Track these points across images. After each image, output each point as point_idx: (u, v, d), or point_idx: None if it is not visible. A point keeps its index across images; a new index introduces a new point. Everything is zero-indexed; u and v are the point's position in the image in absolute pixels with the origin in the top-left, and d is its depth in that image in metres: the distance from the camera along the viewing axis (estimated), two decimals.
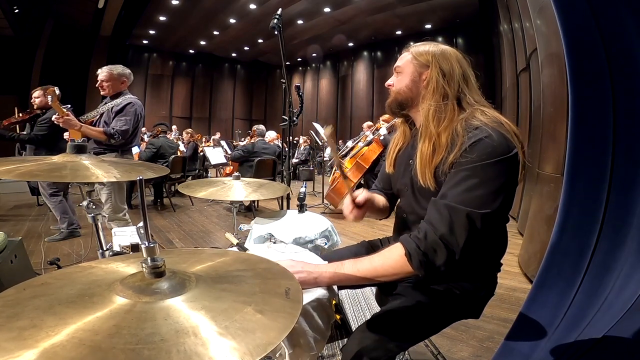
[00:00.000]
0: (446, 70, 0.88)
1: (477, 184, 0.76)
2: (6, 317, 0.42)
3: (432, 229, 0.79)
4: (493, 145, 0.76)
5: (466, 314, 0.97)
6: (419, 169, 0.88)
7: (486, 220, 0.76)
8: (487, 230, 0.78)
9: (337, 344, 1.48)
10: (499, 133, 0.77)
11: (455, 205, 0.77)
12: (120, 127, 2.37)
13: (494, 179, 0.76)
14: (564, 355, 1.09)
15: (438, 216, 0.79)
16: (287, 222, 1.39)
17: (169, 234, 3.58)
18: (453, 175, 0.80)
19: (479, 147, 0.77)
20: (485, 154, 0.76)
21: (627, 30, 1.05)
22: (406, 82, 0.94)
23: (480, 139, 0.77)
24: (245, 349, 0.39)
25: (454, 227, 0.76)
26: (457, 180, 0.79)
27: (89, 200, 1.06)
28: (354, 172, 4.29)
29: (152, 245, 0.50)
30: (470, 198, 0.76)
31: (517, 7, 4.01)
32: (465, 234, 0.76)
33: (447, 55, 0.90)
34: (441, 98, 0.87)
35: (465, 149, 0.78)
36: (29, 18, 8.37)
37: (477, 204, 0.76)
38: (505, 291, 2.17)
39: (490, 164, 0.75)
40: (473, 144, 0.77)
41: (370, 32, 12.36)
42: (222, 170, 6.36)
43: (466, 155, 0.78)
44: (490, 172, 0.76)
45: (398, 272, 0.81)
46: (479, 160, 0.76)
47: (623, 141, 1.11)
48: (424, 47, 0.94)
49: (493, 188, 0.76)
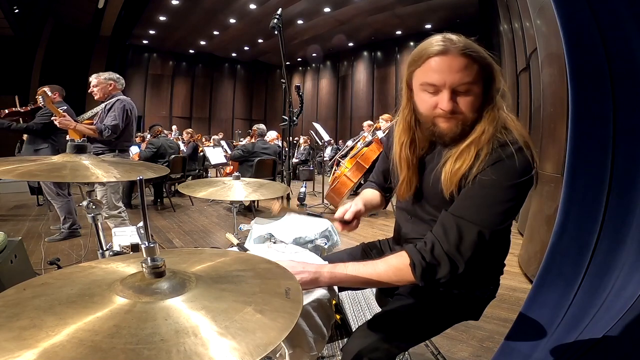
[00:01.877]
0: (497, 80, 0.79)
1: (493, 203, 0.75)
2: (6, 317, 0.42)
3: (439, 242, 0.78)
4: (515, 167, 0.73)
5: (466, 316, 0.97)
6: (449, 180, 0.80)
7: (495, 236, 0.76)
8: (494, 244, 0.78)
9: (337, 344, 1.48)
10: (523, 155, 0.74)
11: (468, 222, 0.76)
12: (109, 123, 2.54)
13: (510, 200, 0.75)
14: (564, 355, 1.09)
15: (448, 230, 0.78)
16: (287, 222, 1.39)
17: (169, 234, 3.58)
18: (469, 190, 0.78)
19: (502, 168, 0.74)
20: (506, 176, 0.74)
21: (627, 30, 1.05)
22: (477, 105, 0.77)
23: (504, 160, 0.74)
24: (246, 349, 0.39)
25: (463, 242, 0.76)
26: (473, 196, 0.77)
27: (89, 200, 1.06)
28: (354, 172, 4.29)
29: (152, 245, 0.50)
30: (483, 216, 0.75)
31: (517, 7, 4.01)
32: (472, 249, 0.76)
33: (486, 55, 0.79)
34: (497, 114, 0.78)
35: (488, 165, 0.75)
36: (29, 18, 8.38)
37: (489, 222, 0.75)
38: (505, 291, 2.17)
39: (509, 186, 0.74)
40: (496, 162, 0.75)
41: (370, 32, 12.37)
42: (222, 170, 6.37)
43: (488, 174, 0.75)
44: (507, 194, 0.75)
45: (399, 280, 0.81)
46: (498, 182, 0.74)
47: (623, 141, 1.11)
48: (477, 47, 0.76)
49: (507, 207, 0.75)
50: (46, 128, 2.99)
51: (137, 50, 14.04)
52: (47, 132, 3.04)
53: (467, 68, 0.74)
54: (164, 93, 15.09)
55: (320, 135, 5.76)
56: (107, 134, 2.53)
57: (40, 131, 3.01)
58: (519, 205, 0.77)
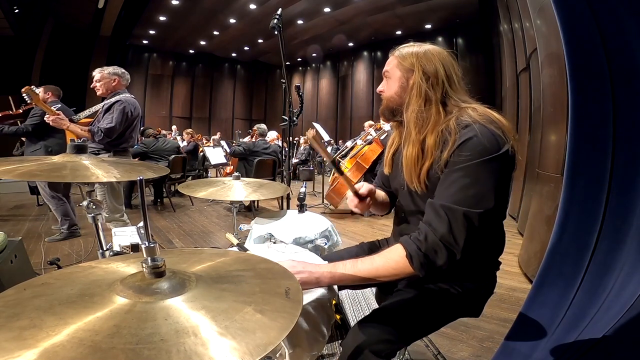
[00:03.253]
0: (430, 72, 0.86)
1: (470, 183, 0.77)
2: (6, 317, 0.42)
3: (431, 230, 0.79)
4: (482, 143, 0.76)
5: (466, 312, 0.97)
6: (406, 174, 0.89)
7: (484, 219, 0.76)
8: (486, 228, 0.79)
9: (337, 344, 1.48)
10: (487, 131, 0.77)
11: (452, 205, 0.77)
12: (104, 125, 2.33)
13: (486, 177, 0.76)
14: (564, 355, 1.09)
15: (436, 217, 0.79)
16: (287, 222, 1.39)
17: (169, 234, 3.58)
18: (446, 176, 0.80)
19: (469, 147, 0.77)
20: (475, 153, 0.76)
21: (627, 29, 1.05)
22: (395, 89, 0.93)
23: (470, 138, 0.77)
24: (246, 349, 0.39)
25: (453, 227, 0.77)
26: (450, 181, 0.79)
27: (89, 200, 1.06)
28: (354, 172, 4.29)
29: (152, 245, 0.50)
30: (465, 197, 0.76)
31: (517, 7, 4.01)
32: (465, 233, 0.76)
33: (430, 56, 0.88)
34: (424, 103, 0.86)
35: (456, 148, 0.78)
36: (29, 18, 8.38)
37: (472, 202, 0.76)
38: (505, 291, 2.17)
39: (481, 162, 0.76)
40: (462, 143, 0.78)
41: (370, 32, 12.37)
42: (222, 170, 6.37)
43: (458, 155, 0.78)
44: (482, 171, 0.76)
45: (399, 273, 0.82)
46: (470, 160, 0.76)
47: (623, 141, 1.11)
48: (408, 50, 0.91)
49: (487, 186, 0.76)
50: (38, 129, 2.87)
51: (137, 50, 14.04)
52: (40, 133, 2.92)
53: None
54: (164, 93, 15.09)
55: (320, 135, 5.77)
56: (98, 137, 2.32)
57: (31, 133, 2.89)
58: (500, 184, 0.77)
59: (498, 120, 0.81)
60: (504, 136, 0.78)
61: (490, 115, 0.82)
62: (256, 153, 4.51)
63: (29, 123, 2.89)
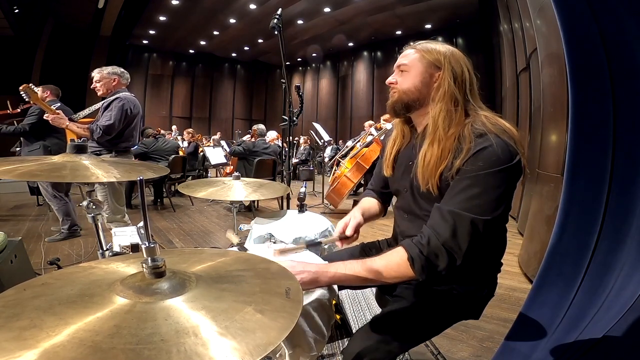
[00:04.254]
0: (458, 73, 0.86)
1: (480, 192, 0.77)
2: (6, 318, 0.42)
3: (435, 234, 0.79)
4: (497, 154, 0.76)
5: (467, 315, 0.97)
6: (421, 173, 0.86)
7: (488, 226, 0.77)
8: (489, 235, 0.79)
9: (337, 344, 1.48)
10: (502, 141, 0.78)
11: (460, 212, 0.77)
12: (103, 123, 2.30)
13: (496, 187, 0.77)
14: (564, 355, 1.09)
15: (441, 222, 0.79)
16: (287, 222, 1.39)
17: (169, 234, 3.58)
18: (457, 182, 0.80)
19: (483, 156, 0.77)
20: (489, 163, 0.76)
21: (627, 29, 1.05)
22: (415, 82, 0.89)
23: (485, 148, 0.77)
24: (246, 349, 0.39)
25: (458, 233, 0.77)
26: (460, 188, 0.79)
27: (89, 200, 1.06)
28: (354, 172, 4.29)
29: (152, 245, 0.50)
30: (473, 205, 0.77)
31: (517, 7, 4.01)
32: (468, 240, 0.77)
33: (457, 57, 0.87)
34: (452, 102, 0.85)
35: (470, 156, 0.78)
36: (29, 18, 8.37)
37: (480, 211, 0.76)
38: (505, 291, 2.17)
39: (493, 172, 0.76)
40: (477, 152, 0.78)
41: (370, 32, 12.36)
42: (222, 170, 6.36)
43: (471, 163, 0.78)
44: (493, 181, 0.77)
45: (400, 276, 0.82)
46: (483, 169, 0.77)
47: (623, 141, 1.11)
48: (433, 46, 0.89)
49: (496, 196, 0.77)
50: (35, 128, 2.85)
51: (137, 50, 14.02)
52: (38, 133, 2.90)
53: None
54: (164, 93, 15.07)
55: (320, 135, 5.77)
56: (97, 135, 2.29)
57: (29, 132, 2.87)
58: (507, 193, 0.78)
59: (510, 130, 0.82)
60: (516, 147, 0.79)
61: (502, 125, 0.82)
62: (256, 153, 4.51)
63: (26, 122, 2.87)
